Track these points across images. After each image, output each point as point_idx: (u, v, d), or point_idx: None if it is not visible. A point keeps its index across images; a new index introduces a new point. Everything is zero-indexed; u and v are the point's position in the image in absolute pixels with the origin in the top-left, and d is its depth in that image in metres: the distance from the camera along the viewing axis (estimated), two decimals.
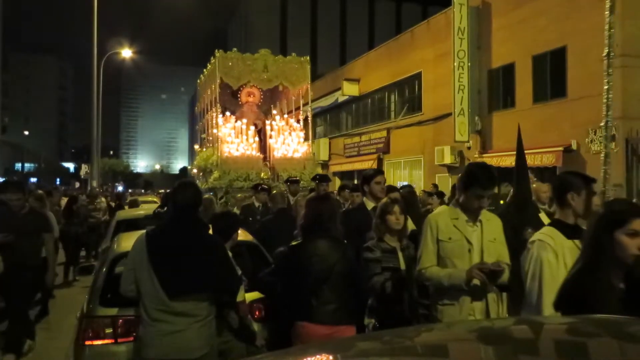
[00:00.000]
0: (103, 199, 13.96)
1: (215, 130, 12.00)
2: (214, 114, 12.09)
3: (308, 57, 12.47)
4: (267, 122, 12.79)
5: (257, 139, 12.07)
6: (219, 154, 11.31)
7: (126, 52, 31.18)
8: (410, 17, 41.05)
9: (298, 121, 12.92)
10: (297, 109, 13.12)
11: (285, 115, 13.13)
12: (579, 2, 12.76)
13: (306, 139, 12.73)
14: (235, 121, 12.18)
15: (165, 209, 6.61)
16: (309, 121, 13.04)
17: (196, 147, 15.25)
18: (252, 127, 12.29)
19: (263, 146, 12.33)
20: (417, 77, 19.76)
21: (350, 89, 23.90)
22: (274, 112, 13.32)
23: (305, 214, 3.82)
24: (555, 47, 13.48)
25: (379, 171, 5.01)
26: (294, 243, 3.73)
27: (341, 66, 27.53)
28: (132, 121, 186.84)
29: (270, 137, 12.26)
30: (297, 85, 12.30)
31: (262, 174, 11.30)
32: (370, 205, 4.47)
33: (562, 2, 13.24)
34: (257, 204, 7.79)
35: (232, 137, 11.80)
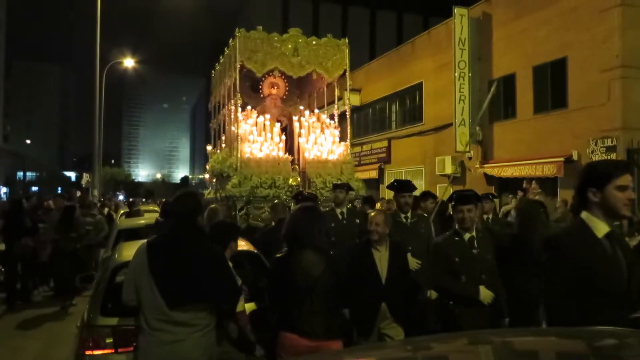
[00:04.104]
0: (97, 212, 12.09)
1: (233, 128, 10.15)
2: (232, 107, 10.23)
3: (346, 40, 10.61)
4: (295, 118, 10.87)
5: (283, 137, 10.27)
6: (239, 155, 9.47)
7: (128, 62, 31.37)
8: (411, 27, 41.24)
9: (332, 117, 11.12)
10: (331, 103, 11.48)
11: (316, 110, 11.28)
12: (580, 13, 12.83)
13: (342, 138, 10.80)
14: (257, 117, 10.28)
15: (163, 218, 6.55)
16: (347, 116, 11.04)
17: (209, 148, 13.20)
18: (277, 124, 10.48)
19: (289, 146, 10.50)
20: (418, 87, 19.83)
21: (351, 99, 23.90)
22: (301, 107, 11.39)
23: (288, 225, 3.71)
24: (555, 57, 13.53)
25: (624, 165, 2.54)
26: (278, 255, 3.69)
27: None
28: (133, 130, 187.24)
29: (300, 135, 10.38)
30: (334, 73, 10.41)
31: (291, 180, 9.48)
32: (602, 229, 2.41)
33: (562, 13, 13.31)
34: None
35: (254, 136, 9.88)
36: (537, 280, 3.23)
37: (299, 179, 9.71)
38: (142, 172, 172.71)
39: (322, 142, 10.38)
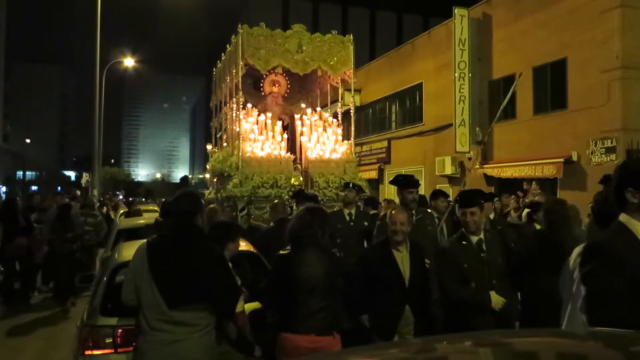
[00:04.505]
0: (97, 212, 11.74)
1: (235, 127, 9.90)
2: (234, 106, 10.03)
3: (351, 36, 10.41)
4: (297, 116, 10.69)
5: (285, 136, 10.09)
6: (240, 154, 9.26)
7: (128, 61, 31.35)
8: (412, 28, 41.30)
9: (335, 115, 10.88)
10: (334, 101, 11.26)
11: (319, 109, 11.12)
12: (580, 14, 12.84)
13: (346, 137, 10.60)
14: (258, 115, 10.08)
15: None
16: (352, 114, 10.89)
17: (209, 147, 12.93)
18: (279, 123, 10.29)
19: (291, 145, 10.35)
20: (418, 87, 19.83)
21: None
22: (303, 105, 11.24)
23: (293, 224, 3.75)
24: (555, 58, 13.54)
25: None
26: (281, 252, 3.71)
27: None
28: (133, 130, 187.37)
29: (302, 134, 10.18)
30: (339, 71, 10.15)
31: (293, 179, 9.29)
32: None
33: (562, 14, 13.32)
34: None
35: (256, 134, 9.67)
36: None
37: (301, 178, 9.52)
38: (142, 172, 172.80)
39: (325, 140, 10.18)
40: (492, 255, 3.87)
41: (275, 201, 7.05)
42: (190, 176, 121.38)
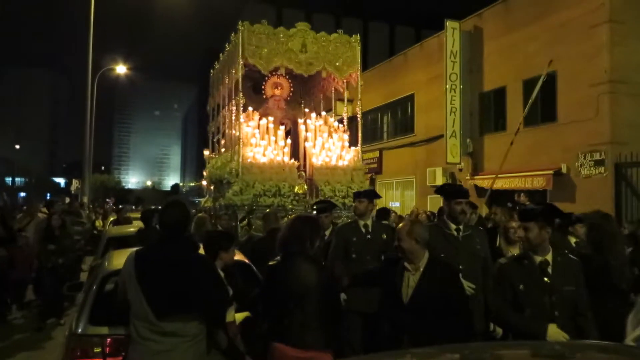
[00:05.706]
0: (86, 220, 10.90)
1: (234, 131, 9.35)
2: (233, 108, 9.47)
3: (358, 36, 10.01)
4: (300, 120, 10.22)
5: (288, 141, 9.60)
6: (240, 160, 8.69)
7: (120, 69, 31.26)
8: (404, 39, 41.62)
9: (341, 121, 10.44)
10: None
11: (324, 113, 10.64)
12: (569, 28, 13.00)
13: (353, 143, 10.08)
14: (260, 119, 9.58)
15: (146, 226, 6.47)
16: (359, 119, 10.29)
17: (206, 152, 12.32)
18: (282, 127, 9.84)
19: (294, 152, 9.85)
20: (410, 98, 19.95)
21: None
22: (306, 109, 10.77)
23: (284, 233, 3.73)
24: (545, 72, 13.66)
25: None
26: (271, 263, 3.70)
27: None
28: (124, 137, 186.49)
29: (306, 139, 9.73)
30: (345, 72, 9.70)
31: (297, 188, 8.74)
32: None
33: (552, 28, 13.49)
34: None
35: (257, 139, 9.18)
36: (621, 310, 2.65)
37: (305, 186, 8.99)
38: (133, 179, 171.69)
39: (331, 147, 9.69)
40: (559, 282, 3.27)
41: (267, 210, 6.98)
42: (181, 184, 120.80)
